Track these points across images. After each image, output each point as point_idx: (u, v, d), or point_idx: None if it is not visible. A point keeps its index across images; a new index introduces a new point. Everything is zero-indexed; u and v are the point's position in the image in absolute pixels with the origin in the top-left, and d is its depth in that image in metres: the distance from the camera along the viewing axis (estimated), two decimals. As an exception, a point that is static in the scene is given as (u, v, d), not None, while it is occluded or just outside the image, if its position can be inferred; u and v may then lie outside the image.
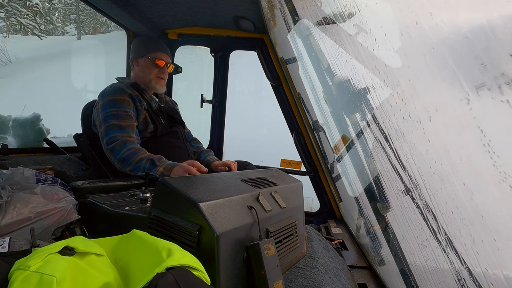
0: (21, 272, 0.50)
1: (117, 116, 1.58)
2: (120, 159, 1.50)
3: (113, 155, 1.52)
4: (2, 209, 0.90)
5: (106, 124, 1.56)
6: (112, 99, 1.61)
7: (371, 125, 1.15)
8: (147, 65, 1.77)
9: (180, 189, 0.82)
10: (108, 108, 1.59)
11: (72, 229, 1.04)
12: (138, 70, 1.79)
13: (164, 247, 0.61)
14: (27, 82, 11.68)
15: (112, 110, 1.58)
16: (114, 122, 1.56)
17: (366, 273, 1.47)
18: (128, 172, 1.51)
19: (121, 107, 1.60)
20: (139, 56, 1.77)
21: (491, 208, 0.57)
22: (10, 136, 1.97)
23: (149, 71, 1.77)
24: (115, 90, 1.65)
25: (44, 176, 1.14)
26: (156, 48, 1.79)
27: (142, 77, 1.78)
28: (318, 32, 1.46)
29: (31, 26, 12.95)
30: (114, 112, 1.58)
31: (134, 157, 1.48)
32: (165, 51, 1.82)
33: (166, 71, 1.82)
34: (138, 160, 1.47)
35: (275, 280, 0.80)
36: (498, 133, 0.50)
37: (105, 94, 1.64)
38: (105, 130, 1.56)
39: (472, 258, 0.63)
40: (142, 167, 1.46)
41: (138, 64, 1.79)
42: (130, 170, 1.50)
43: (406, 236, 1.09)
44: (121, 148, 1.50)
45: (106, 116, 1.58)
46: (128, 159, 1.48)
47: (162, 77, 1.81)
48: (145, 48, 1.78)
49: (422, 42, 0.63)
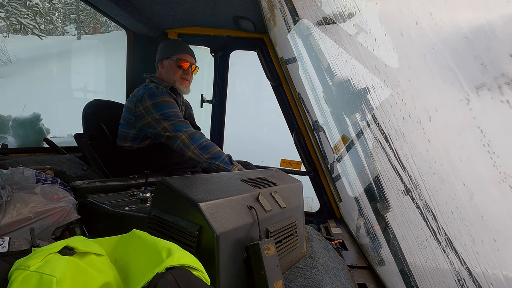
0: (21, 272, 0.50)
1: (177, 115, 1.64)
2: (200, 145, 1.57)
3: (192, 140, 1.58)
4: (2, 209, 0.90)
5: (172, 121, 1.61)
6: (165, 101, 1.65)
7: (371, 125, 1.15)
8: (172, 66, 1.77)
9: (180, 189, 0.82)
10: (164, 109, 1.63)
11: (72, 229, 1.04)
12: (163, 71, 1.80)
13: (164, 247, 0.61)
14: (27, 82, 11.68)
15: (170, 110, 1.64)
16: (178, 119, 1.63)
17: (366, 273, 1.47)
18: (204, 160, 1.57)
19: (175, 108, 1.67)
20: (164, 58, 1.78)
21: (491, 208, 0.57)
22: (10, 136, 1.97)
23: (173, 72, 1.77)
24: (163, 93, 1.69)
25: (44, 176, 1.14)
26: (181, 50, 1.80)
27: (167, 78, 1.79)
28: (318, 32, 1.46)
29: (31, 26, 12.94)
30: (173, 112, 1.64)
31: (213, 148, 1.57)
32: (189, 53, 1.83)
33: (190, 73, 1.83)
34: (217, 151, 1.56)
35: (275, 280, 0.80)
36: (498, 133, 0.50)
37: (155, 95, 1.66)
38: (172, 125, 1.61)
39: (472, 258, 0.63)
40: (222, 159, 1.55)
41: (163, 66, 1.80)
42: (207, 158, 1.56)
43: (406, 236, 1.09)
44: (201, 137, 1.60)
45: (167, 115, 1.62)
46: (208, 148, 1.57)
47: (187, 78, 1.81)
48: (169, 49, 1.79)
49: (422, 42, 0.63)
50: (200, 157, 1.56)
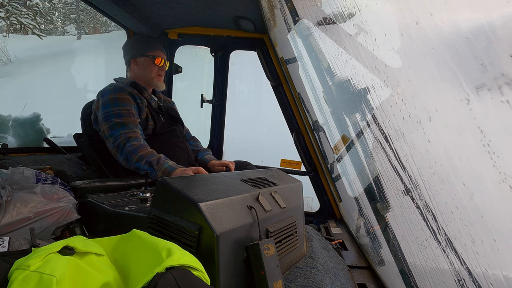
0: (21, 272, 0.50)
1: (120, 115, 1.58)
2: (124, 157, 1.51)
3: (118, 153, 1.53)
4: (2, 209, 0.90)
5: (110, 124, 1.56)
6: (113, 98, 1.61)
7: (371, 125, 1.15)
8: (148, 63, 1.78)
9: (180, 189, 0.82)
10: (109, 107, 1.59)
11: (72, 229, 1.04)
12: (137, 69, 1.80)
13: (164, 247, 0.61)
14: (27, 81, 11.68)
15: (114, 109, 1.58)
16: (117, 120, 1.56)
17: (366, 273, 1.47)
18: (132, 168, 1.51)
19: (122, 105, 1.60)
20: (138, 55, 1.78)
21: (491, 208, 0.57)
22: (10, 136, 1.97)
23: (150, 69, 1.78)
24: (115, 89, 1.65)
25: (44, 175, 1.14)
26: (155, 47, 1.81)
27: (143, 75, 1.79)
28: (318, 32, 1.46)
29: (31, 25, 12.95)
30: (116, 111, 1.58)
31: (134, 155, 1.48)
32: (162, 49, 1.84)
33: (164, 68, 1.84)
34: (137, 159, 1.47)
35: (274, 280, 0.80)
36: (498, 133, 0.50)
37: (105, 93, 1.64)
38: (109, 129, 1.56)
39: (472, 259, 0.63)
40: (142, 169, 1.46)
41: (137, 63, 1.79)
42: (133, 169, 1.51)
43: (406, 236, 1.09)
44: (125, 145, 1.51)
45: (108, 115, 1.58)
46: (129, 157, 1.49)
47: (162, 74, 1.83)
48: (143, 47, 1.79)
49: (422, 42, 0.63)
50: (130, 168, 1.52)
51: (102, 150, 1.66)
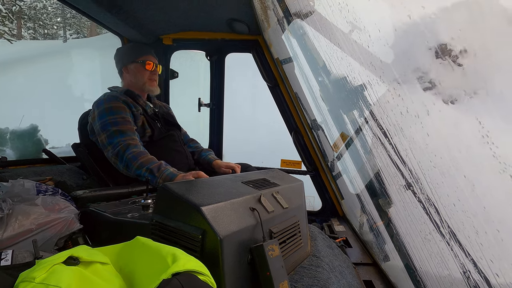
0: (27, 284, 0.50)
1: (116, 123, 1.57)
2: (124, 165, 1.51)
3: (118, 160, 1.52)
4: (4, 222, 0.89)
5: (107, 133, 1.56)
6: (108, 107, 1.61)
7: (369, 122, 1.15)
8: (138, 69, 1.78)
9: (182, 194, 0.82)
10: (105, 117, 1.59)
11: (75, 239, 1.04)
12: (129, 76, 1.79)
13: (169, 253, 0.61)
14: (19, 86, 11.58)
15: (110, 118, 1.58)
16: (114, 128, 1.56)
17: (371, 270, 1.47)
18: (133, 175, 1.51)
19: (118, 113, 1.60)
20: (129, 62, 1.78)
21: (493, 198, 0.57)
22: (8, 149, 1.97)
23: (141, 74, 1.78)
24: (110, 98, 1.65)
25: (45, 187, 1.14)
26: (144, 52, 1.81)
27: (135, 82, 1.79)
28: (312, 31, 1.46)
29: (1, 31, 12.92)
30: (112, 120, 1.58)
31: (134, 162, 1.47)
32: (152, 54, 1.84)
33: (156, 72, 1.84)
34: (138, 166, 1.47)
35: (280, 281, 0.80)
36: (496, 124, 0.50)
37: (100, 103, 1.64)
38: (107, 138, 1.56)
39: (476, 250, 0.63)
40: (142, 176, 1.46)
41: (128, 71, 1.79)
42: (133, 176, 1.50)
43: (409, 230, 1.09)
44: (124, 152, 1.50)
45: (104, 125, 1.57)
46: (130, 164, 1.49)
47: (154, 78, 1.83)
48: (132, 53, 1.79)
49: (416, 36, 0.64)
50: (131, 175, 1.52)
51: (101, 159, 1.66)
